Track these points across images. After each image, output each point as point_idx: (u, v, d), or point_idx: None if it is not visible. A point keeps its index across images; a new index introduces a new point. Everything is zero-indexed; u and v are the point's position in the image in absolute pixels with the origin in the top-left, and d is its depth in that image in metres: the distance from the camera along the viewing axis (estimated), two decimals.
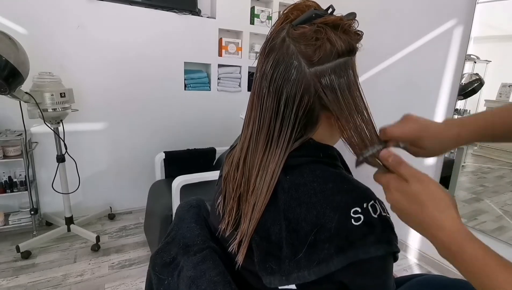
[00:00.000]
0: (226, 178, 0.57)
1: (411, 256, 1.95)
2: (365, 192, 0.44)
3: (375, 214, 0.42)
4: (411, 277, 0.74)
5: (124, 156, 2.26)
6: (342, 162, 0.56)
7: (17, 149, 1.80)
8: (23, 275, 1.59)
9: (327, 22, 0.46)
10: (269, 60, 0.48)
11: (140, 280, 1.59)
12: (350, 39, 0.47)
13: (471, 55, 1.59)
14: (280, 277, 0.45)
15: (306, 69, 0.45)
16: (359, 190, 0.45)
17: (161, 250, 0.62)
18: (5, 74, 1.34)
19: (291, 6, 0.49)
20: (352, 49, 0.47)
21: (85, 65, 2.00)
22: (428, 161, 1.79)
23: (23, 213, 1.94)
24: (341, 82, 0.46)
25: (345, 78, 0.46)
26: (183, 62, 2.29)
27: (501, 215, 1.55)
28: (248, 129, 0.53)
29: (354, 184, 0.46)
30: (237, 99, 2.55)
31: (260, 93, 0.50)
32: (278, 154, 0.48)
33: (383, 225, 0.42)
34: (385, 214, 0.43)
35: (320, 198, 0.44)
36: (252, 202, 0.49)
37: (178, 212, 0.70)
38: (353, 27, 0.48)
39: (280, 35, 0.47)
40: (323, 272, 0.42)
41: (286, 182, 0.48)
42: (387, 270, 0.45)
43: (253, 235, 0.49)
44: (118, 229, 2.10)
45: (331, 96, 0.46)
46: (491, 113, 0.51)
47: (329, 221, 0.42)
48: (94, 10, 1.95)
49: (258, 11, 2.48)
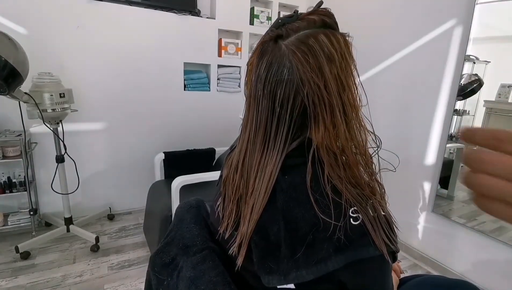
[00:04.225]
0: (226, 181, 0.57)
1: (410, 257, 1.95)
2: (364, 191, 0.44)
3: (374, 213, 0.42)
4: (411, 278, 0.74)
5: (123, 156, 2.25)
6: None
7: (17, 150, 1.80)
8: (22, 276, 1.58)
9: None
10: (263, 62, 0.48)
11: (139, 281, 1.59)
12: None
13: (470, 56, 1.59)
14: (279, 276, 0.45)
15: (297, 68, 0.46)
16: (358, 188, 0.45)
17: (161, 251, 0.62)
18: (5, 75, 1.34)
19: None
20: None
21: (85, 65, 2.00)
22: (428, 161, 1.80)
23: (22, 213, 1.94)
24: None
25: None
26: (182, 62, 2.29)
27: None
28: (245, 132, 0.53)
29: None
30: (236, 99, 2.55)
31: (256, 95, 0.50)
32: (275, 155, 0.48)
33: (382, 224, 0.42)
34: (384, 213, 0.43)
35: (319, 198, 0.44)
36: (251, 204, 0.49)
37: (178, 212, 0.70)
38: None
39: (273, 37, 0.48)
40: (321, 271, 0.42)
41: (284, 182, 0.48)
42: (385, 269, 0.45)
43: (252, 236, 0.49)
44: (118, 229, 2.10)
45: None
46: None
47: (328, 221, 0.42)
48: (93, 11, 1.95)
49: (258, 12, 2.49)
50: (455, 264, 1.72)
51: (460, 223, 1.68)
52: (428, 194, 1.83)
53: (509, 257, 1.47)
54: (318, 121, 0.47)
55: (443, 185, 1.77)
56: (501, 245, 1.50)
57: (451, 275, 1.69)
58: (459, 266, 1.70)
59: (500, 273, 1.51)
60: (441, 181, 1.76)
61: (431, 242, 1.85)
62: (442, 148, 1.73)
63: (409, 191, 1.93)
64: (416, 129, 1.84)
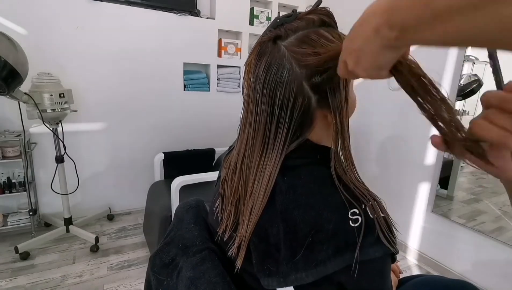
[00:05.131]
0: (224, 182, 0.57)
1: (410, 257, 1.95)
2: (364, 193, 0.44)
3: (373, 215, 0.42)
4: (410, 278, 0.74)
5: (123, 156, 2.25)
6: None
7: (16, 150, 1.79)
8: (22, 276, 1.58)
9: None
10: (262, 63, 0.48)
11: (139, 281, 1.59)
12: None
13: (470, 56, 1.59)
14: (278, 279, 0.45)
15: (297, 70, 0.45)
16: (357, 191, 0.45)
17: (160, 251, 0.62)
18: (4, 75, 1.34)
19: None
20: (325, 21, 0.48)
21: (84, 65, 2.00)
22: (427, 161, 1.80)
23: (21, 213, 1.94)
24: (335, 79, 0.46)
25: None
26: (182, 62, 2.29)
27: (500, 216, 1.55)
28: (244, 133, 0.52)
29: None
30: (236, 99, 2.55)
31: (255, 97, 0.49)
32: (274, 157, 0.48)
33: (381, 226, 0.42)
34: (383, 215, 0.43)
35: (318, 200, 0.44)
36: (250, 205, 0.49)
37: (177, 212, 0.70)
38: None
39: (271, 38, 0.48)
40: (320, 273, 0.42)
41: (283, 184, 0.47)
42: (385, 271, 0.45)
43: (251, 238, 0.49)
44: (117, 230, 2.10)
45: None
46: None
47: (327, 223, 0.42)
48: (93, 11, 1.95)
49: (258, 12, 2.49)
50: (454, 264, 1.72)
51: (460, 223, 1.68)
52: (428, 194, 1.83)
53: (508, 257, 1.47)
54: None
55: (443, 185, 1.78)
56: (500, 245, 1.50)
57: (451, 276, 1.69)
58: (459, 266, 1.70)
59: (500, 273, 1.51)
60: (441, 181, 1.76)
61: (431, 242, 1.85)
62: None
63: (409, 191, 1.93)
64: (416, 129, 1.84)
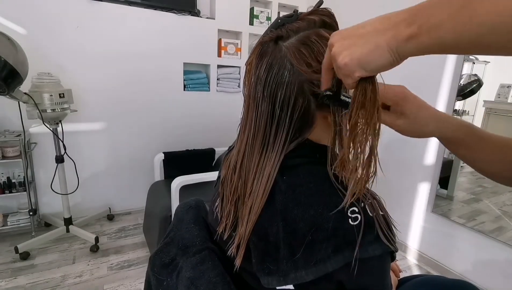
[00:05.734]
0: (224, 181, 0.57)
1: (410, 257, 1.95)
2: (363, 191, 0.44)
3: (373, 213, 0.42)
4: (410, 278, 0.74)
5: (123, 156, 2.25)
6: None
7: (16, 150, 1.80)
8: (22, 276, 1.58)
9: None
10: (263, 64, 0.48)
11: (139, 281, 1.59)
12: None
13: (469, 56, 1.59)
14: (278, 277, 0.45)
15: (298, 70, 0.46)
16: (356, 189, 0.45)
17: (160, 251, 0.62)
18: (4, 75, 1.34)
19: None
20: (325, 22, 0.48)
21: (84, 65, 2.00)
22: (427, 161, 1.80)
23: (21, 214, 1.94)
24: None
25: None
26: (182, 62, 2.29)
27: (500, 216, 1.55)
28: (244, 133, 0.52)
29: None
30: (236, 99, 2.55)
31: (255, 97, 0.50)
32: (273, 157, 0.48)
33: (380, 224, 0.42)
34: (383, 213, 0.44)
35: (317, 198, 0.45)
36: (249, 205, 0.49)
37: (177, 212, 0.70)
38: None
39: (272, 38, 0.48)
40: (320, 272, 0.42)
41: (283, 183, 0.48)
42: (384, 269, 0.46)
43: (250, 237, 0.49)
44: (117, 230, 2.10)
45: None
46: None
47: (326, 221, 0.42)
48: (93, 11, 1.95)
49: (258, 12, 2.49)
50: (454, 264, 1.72)
51: (460, 223, 1.68)
52: (427, 194, 1.83)
53: (508, 257, 1.47)
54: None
55: (443, 185, 1.78)
56: (500, 245, 1.50)
57: (451, 275, 1.69)
58: (459, 266, 1.70)
59: (500, 273, 1.51)
60: (440, 181, 1.77)
61: (431, 242, 1.85)
62: (441, 148, 1.73)
63: (409, 191, 1.93)
64: None
